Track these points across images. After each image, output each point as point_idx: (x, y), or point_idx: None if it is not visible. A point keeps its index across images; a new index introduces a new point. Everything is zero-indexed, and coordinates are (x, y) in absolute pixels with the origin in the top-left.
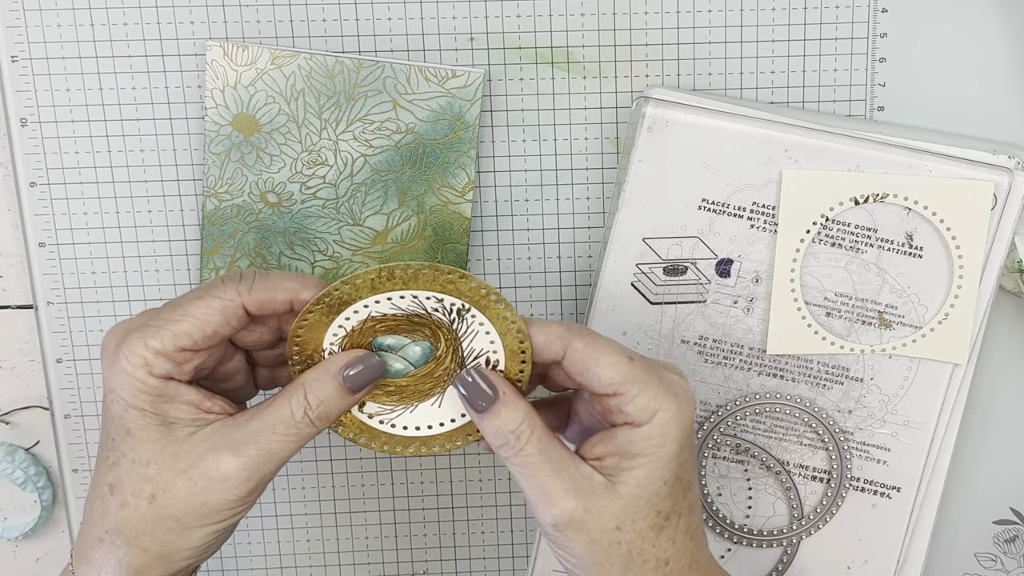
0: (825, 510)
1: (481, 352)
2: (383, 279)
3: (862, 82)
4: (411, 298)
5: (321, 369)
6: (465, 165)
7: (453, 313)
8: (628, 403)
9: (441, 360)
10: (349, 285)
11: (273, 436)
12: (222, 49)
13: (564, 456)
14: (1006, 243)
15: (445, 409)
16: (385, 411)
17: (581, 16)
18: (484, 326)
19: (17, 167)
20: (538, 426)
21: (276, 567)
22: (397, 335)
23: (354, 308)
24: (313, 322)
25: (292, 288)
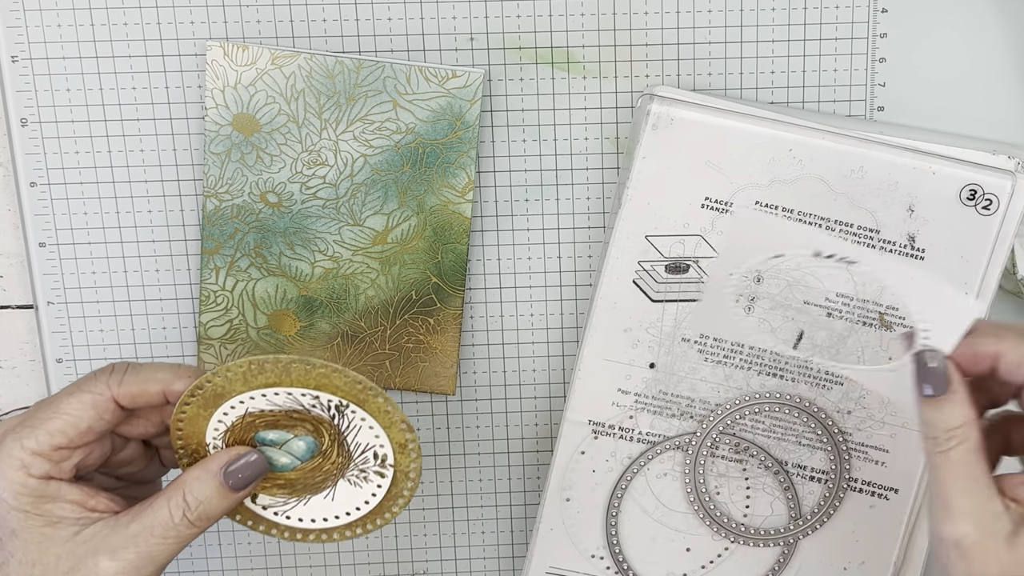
0: (823, 510)
1: (368, 446)
2: (254, 372)
3: (862, 82)
4: (286, 394)
5: (201, 468)
6: (465, 165)
7: (332, 409)
8: None
9: (328, 455)
10: (220, 377)
11: (152, 539)
12: (222, 49)
13: (984, 481)
14: (1007, 246)
15: (339, 503)
16: (278, 503)
17: (581, 16)
18: (366, 420)
19: (17, 167)
20: (972, 439)
21: (276, 567)
22: (279, 430)
23: (231, 403)
24: (191, 415)
25: (164, 379)
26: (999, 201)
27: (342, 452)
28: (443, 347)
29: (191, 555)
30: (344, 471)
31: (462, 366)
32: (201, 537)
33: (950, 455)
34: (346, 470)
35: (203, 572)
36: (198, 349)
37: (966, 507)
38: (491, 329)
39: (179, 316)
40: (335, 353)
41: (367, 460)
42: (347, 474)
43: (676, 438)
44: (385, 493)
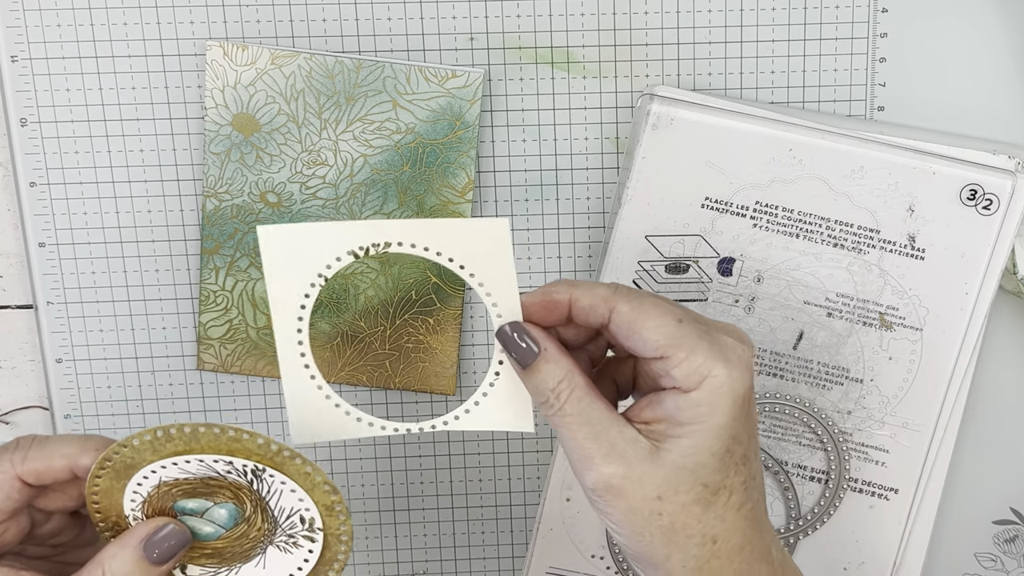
0: (823, 511)
1: (293, 511)
2: (161, 440)
3: (862, 82)
4: (197, 462)
5: (119, 544)
6: (465, 165)
7: (249, 475)
8: (674, 367)
9: (252, 521)
10: (128, 447)
11: None
12: (222, 49)
13: (607, 418)
14: (1008, 246)
15: (271, 570)
16: (208, 573)
17: (581, 16)
18: (286, 484)
19: (17, 167)
20: (579, 386)
21: None
22: (198, 498)
23: (143, 473)
24: (105, 487)
25: (69, 454)
26: (999, 201)
27: (266, 518)
28: (443, 347)
29: None
30: (272, 537)
31: (462, 366)
32: None
33: (565, 409)
34: (273, 536)
35: None
36: (198, 349)
37: (600, 449)
38: (491, 329)
39: (179, 316)
40: (335, 353)
41: (294, 525)
42: (276, 540)
43: None
44: (318, 558)
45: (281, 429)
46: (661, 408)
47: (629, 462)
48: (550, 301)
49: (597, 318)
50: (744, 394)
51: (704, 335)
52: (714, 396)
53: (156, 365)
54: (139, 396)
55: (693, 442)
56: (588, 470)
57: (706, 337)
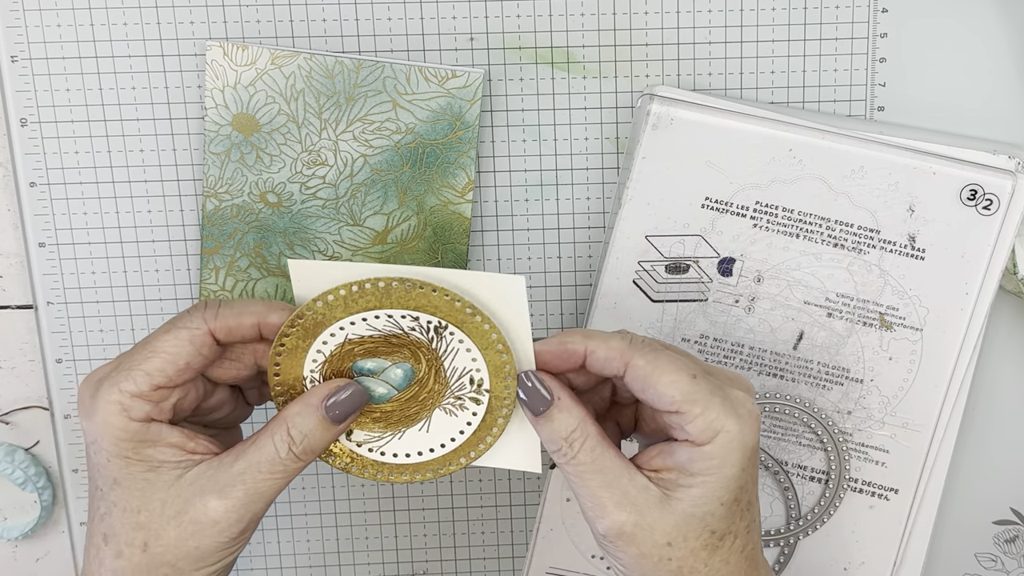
0: (823, 511)
1: (464, 371)
2: (355, 296)
3: (862, 82)
4: (386, 318)
5: (303, 402)
6: (465, 165)
7: (431, 332)
8: (689, 422)
9: (424, 382)
10: (321, 303)
11: (259, 475)
12: (222, 49)
13: (618, 466)
14: (1008, 247)
15: (434, 434)
16: (373, 438)
17: (581, 16)
18: (464, 343)
19: (17, 167)
20: (592, 434)
21: (276, 567)
22: (377, 358)
23: (330, 331)
24: (291, 347)
25: (258, 311)
26: (999, 201)
27: (438, 379)
28: None
29: None
30: (440, 399)
31: None
32: None
33: (579, 457)
34: (442, 398)
35: None
36: None
37: (613, 497)
38: None
39: None
40: None
41: (463, 386)
42: (442, 402)
43: None
44: (480, 422)
45: None
46: (672, 458)
47: (641, 510)
48: (564, 351)
49: (612, 370)
50: (752, 446)
51: (717, 391)
52: (726, 450)
53: None
54: None
55: (703, 492)
56: (601, 518)
57: (719, 393)
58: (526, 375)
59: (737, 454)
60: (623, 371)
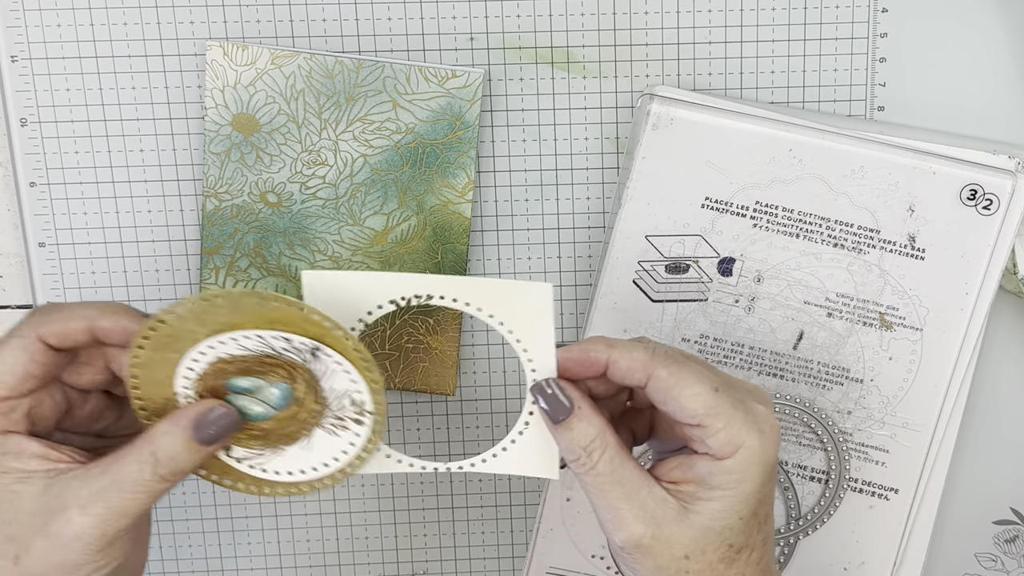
0: (823, 511)
1: (343, 392)
2: (205, 309)
3: (862, 82)
4: (256, 338)
5: (170, 422)
6: (465, 165)
7: (306, 353)
8: (711, 436)
9: (302, 403)
10: (172, 315)
11: (122, 494)
12: (222, 49)
13: (637, 477)
14: (1008, 247)
15: (317, 453)
16: (252, 455)
17: (581, 16)
18: (341, 365)
19: (17, 167)
20: (611, 445)
21: (276, 567)
22: (252, 376)
23: (200, 349)
24: (146, 359)
25: (88, 315)
26: (999, 201)
27: (317, 399)
28: (443, 347)
29: (191, 555)
30: (320, 419)
31: (462, 366)
32: (200, 536)
33: (597, 467)
34: (322, 418)
35: (203, 572)
36: None
37: (631, 509)
38: (491, 329)
39: None
40: None
41: (343, 407)
42: (323, 422)
43: None
44: (365, 441)
45: None
46: (692, 471)
47: (659, 523)
48: (587, 359)
49: (634, 380)
50: (772, 461)
51: (739, 404)
52: (747, 465)
53: None
54: None
55: (723, 506)
56: (619, 529)
57: (740, 407)
58: (547, 383)
59: (757, 469)
60: (645, 382)
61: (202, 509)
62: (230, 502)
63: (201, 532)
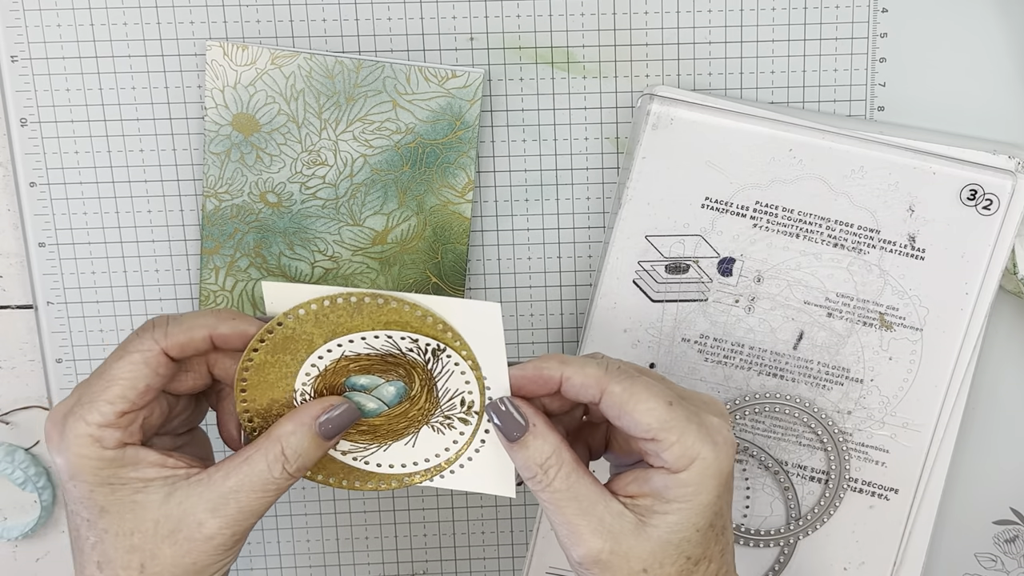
0: (823, 511)
1: (456, 392)
2: (325, 310)
3: (862, 82)
4: (385, 338)
5: (296, 421)
6: (465, 165)
7: (428, 354)
8: (665, 450)
9: (415, 400)
10: (292, 317)
11: (252, 494)
12: (222, 49)
13: (594, 493)
14: (1008, 247)
15: (419, 449)
16: (359, 449)
17: (581, 16)
18: (459, 366)
19: (17, 167)
20: (567, 461)
21: (276, 567)
22: (371, 375)
23: (327, 347)
24: (259, 362)
25: (209, 324)
26: (999, 201)
27: (430, 398)
28: None
29: None
30: (429, 417)
31: None
32: None
33: (554, 484)
34: (431, 416)
35: None
36: None
37: (589, 525)
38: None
39: None
40: None
41: (453, 406)
42: (432, 420)
43: None
44: (466, 441)
45: None
46: (648, 485)
47: (616, 537)
48: (540, 376)
49: (587, 397)
50: (728, 472)
51: (693, 417)
52: (701, 477)
53: None
54: None
55: (679, 519)
56: (576, 545)
57: (695, 419)
58: (500, 401)
59: (713, 481)
60: (599, 398)
61: None
62: None
63: None
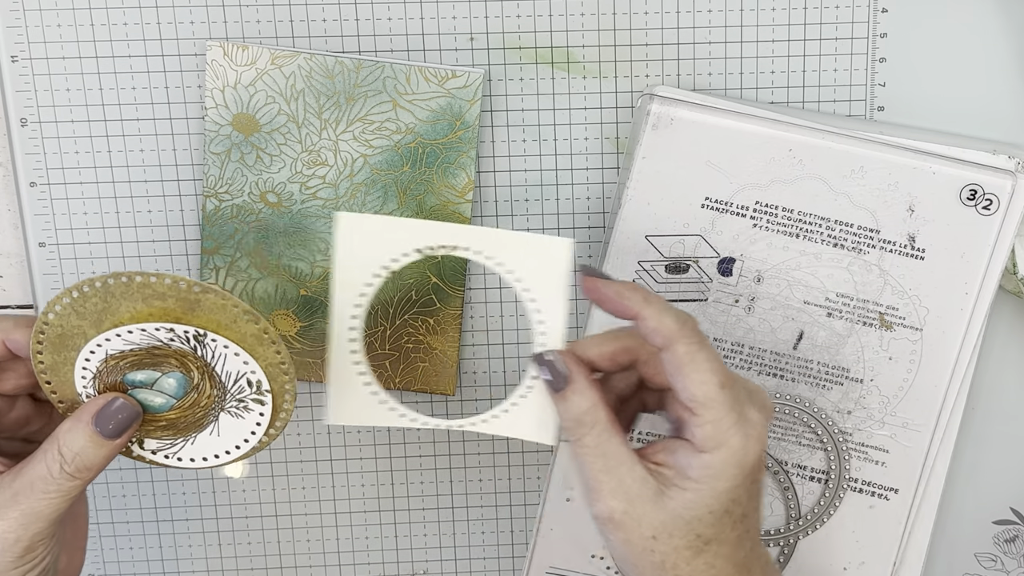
0: (823, 511)
1: (240, 375)
2: (78, 301)
3: (862, 82)
4: (139, 331)
5: (72, 419)
6: (465, 165)
7: (191, 341)
8: (699, 426)
9: (201, 389)
10: (53, 314)
11: (33, 496)
12: (222, 49)
13: (620, 455)
14: (1007, 247)
15: (225, 437)
16: (165, 446)
17: (581, 16)
18: (229, 347)
19: (17, 167)
20: (601, 420)
21: (276, 567)
22: (146, 369)
23: (89, 348)
24: (49, 363)
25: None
26: (999, 201)
27: (215, 384)
28: (443, 347)
29: (191, 555)
30: (222, 403)
31: (462, 366)
32: (200, 536)
33: (584, 440)
34: (224, 402)
35: (203, 572)
36: None
37: (609, 484)
38: (491, 329)
39: None
40: None
41: (242, 388)
42: (226, 406)
43: None
44: (268, 421)
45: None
46: (673, 457)
47: (632, 500)
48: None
49: (655, 341)
50: (753, 463)
51: (735, 405)
52: (724, 463)
53: None
54: None
55: (695, 497)
56: (596, 500)
57: (736, 408)
58: (548, 352)
59: (734, 470)
60: (664, 348)
61: (202, 509)
62: (230, 502)
63: (201, 532)
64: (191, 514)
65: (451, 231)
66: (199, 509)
